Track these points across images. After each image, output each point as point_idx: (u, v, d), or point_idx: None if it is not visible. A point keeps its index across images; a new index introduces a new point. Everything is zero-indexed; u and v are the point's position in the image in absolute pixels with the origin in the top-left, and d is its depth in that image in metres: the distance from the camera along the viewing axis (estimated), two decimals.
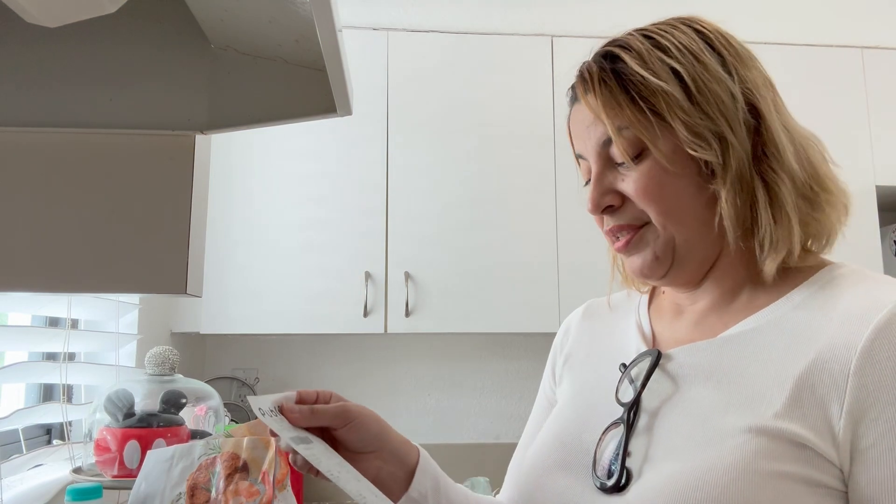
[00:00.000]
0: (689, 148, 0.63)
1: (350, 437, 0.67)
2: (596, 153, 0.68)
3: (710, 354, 0.64)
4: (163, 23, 0.64)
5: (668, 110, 0.63)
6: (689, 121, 0.62)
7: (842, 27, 2.24)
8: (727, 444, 0.56)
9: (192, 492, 0.92)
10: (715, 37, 0.67)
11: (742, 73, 0.65)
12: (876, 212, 2.19)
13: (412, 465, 0.72)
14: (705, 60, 0.64)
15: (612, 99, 0.65)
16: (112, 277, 0.64)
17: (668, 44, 0.65)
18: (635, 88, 0.64)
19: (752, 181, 0.64)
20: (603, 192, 0.67)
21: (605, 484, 0.62)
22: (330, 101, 0.63)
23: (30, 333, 1.38)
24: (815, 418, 0.55)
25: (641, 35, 0.67)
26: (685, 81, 0.63)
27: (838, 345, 0.57)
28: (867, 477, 0.54)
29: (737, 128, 0.63)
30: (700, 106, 0.63)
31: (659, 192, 0.64)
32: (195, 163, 0.65)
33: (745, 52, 0.67)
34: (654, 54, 0.65)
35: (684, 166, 0.64)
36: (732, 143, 0.63)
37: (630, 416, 0.64)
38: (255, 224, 2.04)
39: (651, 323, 0.75)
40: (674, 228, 0.65)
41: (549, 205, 2.12)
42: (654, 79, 0.63)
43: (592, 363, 0.78)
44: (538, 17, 2.17)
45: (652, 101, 0.63)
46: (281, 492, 0.94)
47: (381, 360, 2.40)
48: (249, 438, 0.95)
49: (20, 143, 0.64)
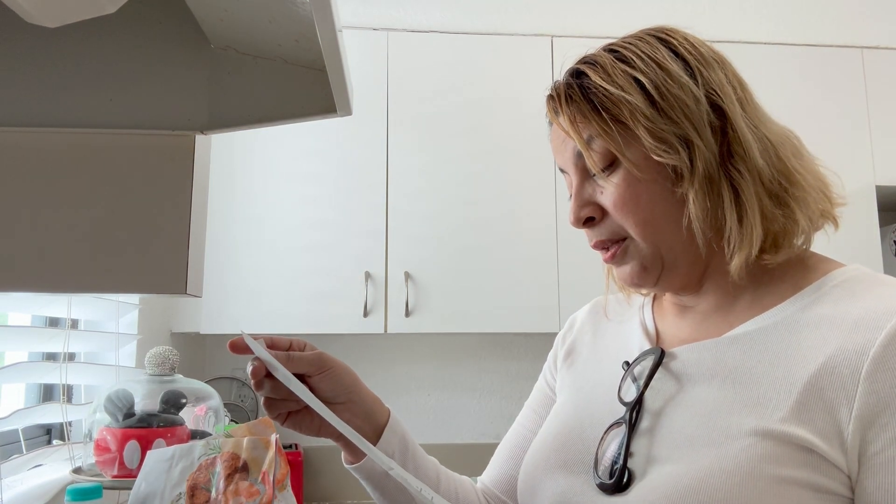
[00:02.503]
0: (654, 154, 0.63)
1: (322, 386, 0.68)
2: (573, 166, 0.69)
3: (716, 354, 0.64)
4: (163, 23, 0.64)
5: (631, 118, 0.63)
6: (652, 127, 0.63)
7: (842, 27, 2.24)
8: (732, 446, 0.56)
9: (192, 492, 0.92)
10: (679, 42, 0.67)
11: (706, 75, 0.66)
12: (876, 212, 2.18)
13: (381, 424, 0.73)
14: (668, 67, 0.65)
15: (578, 113, 0.66)
16: (112, 277, 0.64)
17: (631, 55, 0.66)
18: (599, 100, 0.65)
19: (720, 181, 0.64)
20: (582, 205, 0.68)
21: (606, 484, 0.62)
22: (330, 101, 0.63)
23: (30, 333, 1.38)
24: (823, 423, 0.55)
25: (608, 50, 0.69)
26: (647, 89, 0.64)
27: (849, 350, 0.56)
28: (875, 483, 0.53)
29: (702, 130, 0.63)
30: (664, 112, 0.63)
31: (634, 203, 0.65)
32: (195, 163, 0.65)
33: (711, 55, 0.68)
34: (618, 67, 0.66)
35: (655, 173, 0.64)
36: (698, 145, 0.63)
37: (632, 415, 0.64)
38: (255, 224, 2.04)
39: (655, 321, 0.74)
40: (654, 238, 0.66)
41: (549, 205, 2.12)
42: (615, 90, 0.64)
43: (595, 361, 0.77)
44: (538, 17, 2.17)
45: (614, 112, 0.64)
46: (281, 492, 0.94)
47: (381, 360, 2.40)
48: (249, 438, 0.95)
49: (20, 143, 0.64)
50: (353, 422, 0.69)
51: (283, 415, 0.69)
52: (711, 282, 0.68)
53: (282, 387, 0.65)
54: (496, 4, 2.10)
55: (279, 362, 0.65)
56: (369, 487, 0.75)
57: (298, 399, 0.65)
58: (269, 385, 0.66)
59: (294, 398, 0.66)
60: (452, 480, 0.80)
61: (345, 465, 0.75)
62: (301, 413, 0.69)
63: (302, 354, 0.68)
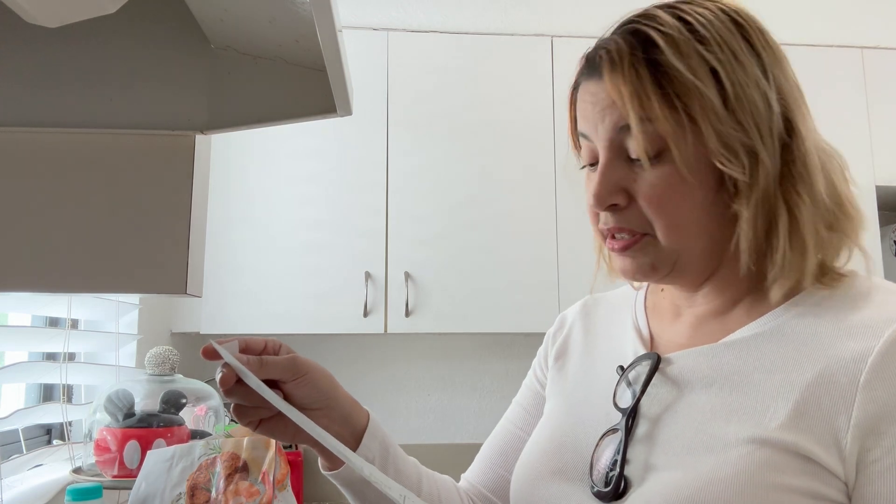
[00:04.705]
0: (718, 160, 0.57)
1: (298, 392, 0.63)
2: (608, 139, 0.61)
3: (712, 360, 0.61)
4: (163, 23, 0.64)
5: (701, 113, 0.57)
6: (721, 129, 0.57)
7: (842, 27, 2.24)
8: (729, 454, 0.55)
9: (192, 492, 0.92)
10: (754, 32, 0.60)
11: (780, 79, 0.59)
12: (876, 212, 2.18)
13: (360, 429, 0.69)
14: (744, 61, 0.58)
15: (641, 88, 0.58)
16: (112, 277, 0.64)
17: (707, 34, 0.58)
18: (669, 82, 0.57)
19: (776, 203, 0.59)
20: (611, 190, 0.61)
21: (602, 492, 0.60)
22: (330, 101, 0.63)
23: (30, 333, 1.38)
24: (821, 431, 0.54)
25: (675, 16, 0.60)
26: (723, 83, 0.57)
27: (847, 357, 0.55)
28: (872, 491, 0.53)
29: (769, 142, 0.58)
30: (734, 113, 0.57)
31: (674, 204, 0.59)
32: (195, 163, 0.65)
33: (781, 54, 0.61)
34: (692, 45, 0.58)
35: (704, 177, 0.59)
36: (763, 159, 0.57)
37: (629, 422, 0.62)
38: (255, 224, 2.04)
39: (648, 323, 0.72)
40: (680, 244, 0.61)
41: (549, 205, 2.12)
42: (691, 76, 0.57)
43: (587, 363, 0.75)
44: (538, 17, 2.17)
45: (685, 100, 0.57)
46: (281, 492, 0.94)
47: (381, 360, 2.40)
48: (249, 438, 0.95)
49: (20, 143, 0.64)
50: (331, 427, 0.64)
51: (254, 422, 0.63)
52: (713, 286, 0.66)
53: (254, 393, 0.60)
54: (496, 4, 2.10)
55: (251, 369, 0.60)
56: (348, 493, 0.71)
57: (271, 405, 0.60)
58: (241, 392, 0.60)
59: (266, 405, 0.61)
60: (434, 482, 0.76)
61: (322, 471, 0.71)
62: (274, 419, 0.64)
63: (275, 359, 0.62)
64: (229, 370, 0.59)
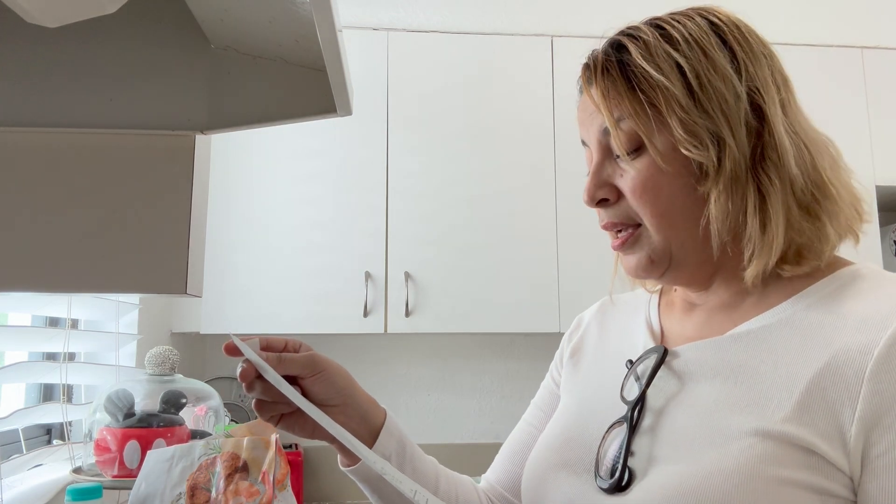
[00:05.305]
0: (684, 147, 0.61)
1: (316, 389, 0.67)
2: (597, 141, 0.67)
3: (718, 352, 0.63)
4: (163, 23, 0.64)
5: (665, 106, 0.61)
6: (686, 119, 0.61)
7: (842, 27, 2.24)
8: (732, 446, 0.55)
9: (192, 492, 0.92)
10: (730, 30, 0.65)
11: (752, 70, 0.63)
12: (876, 212, 2.18)
13: (377, 426, 0.71)
14: (713, 56, 0.62)
15: (612, 89, 0.64)
16: (112, 277, 0.64)
17: (678, 35, 0.63)
18: (636, 80, 0.63)
19: (747, 185, 0.62)
20: (599, 185, 0.67)
21: (607, 484, 0.61)
22: (330, 101, 0.63)
23: (30, 333, 1.38)
24: (826, 424, 0.54)
25: (654, 25, 0.66)
26: (688, 77, 0.62)
27: (853, 349, 0.55)
28: (877, 486, 0.52)
29: (737, 128, 0.61)
30: (700, 104, 0.61)
31: (654, 193, 0.63)
32: (195, 163, 0.65)
33: (759, 48, 0.65)
34: (661, 47, 0.63)
35: (680, 166, 0.63)
36: (730, 144, 0.61)
37: (634, 414, 0.63)
38: (255, 224, 2.04)
39: (661, 319, 0.73)
40: (667, 232, 0.64)
41: (549, 204, 2.12)
42: (655, 73, 0.62)
43: (599, 359, 0.77)
44: (538, 17, 2.17)
45: (650, 95, 0.62)
46: (281, 492, 0.94)
47: (381, 360, 2.40)
48: (249, 438, 0.95)
49: (20, 143, 0.64)
50: (348, 424, 0.67)
51: (275, 417, 0.67)
52: (721, 280, 0.67)
53: (273, 389, 0.63)
54: (496, 4, 2.11)
55: (270, 364, 0.63)
56: (366, 490, 0.73)
57: (291, 401, 0.64)
58: (261, 387, 0.64)
59: (286, 400, 0.64)
60: (452, 481, 0.79)
61: (341, 467, 0.74)
62: (294, 415, 0.68)
63: (293, 356, 0.66)
64: (249, 365, 0.63)
